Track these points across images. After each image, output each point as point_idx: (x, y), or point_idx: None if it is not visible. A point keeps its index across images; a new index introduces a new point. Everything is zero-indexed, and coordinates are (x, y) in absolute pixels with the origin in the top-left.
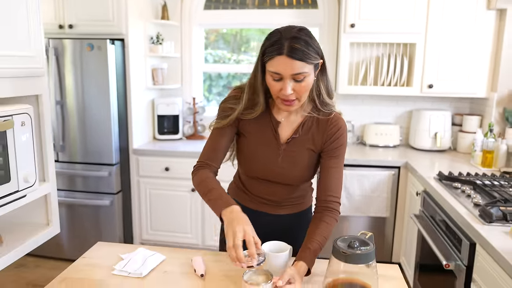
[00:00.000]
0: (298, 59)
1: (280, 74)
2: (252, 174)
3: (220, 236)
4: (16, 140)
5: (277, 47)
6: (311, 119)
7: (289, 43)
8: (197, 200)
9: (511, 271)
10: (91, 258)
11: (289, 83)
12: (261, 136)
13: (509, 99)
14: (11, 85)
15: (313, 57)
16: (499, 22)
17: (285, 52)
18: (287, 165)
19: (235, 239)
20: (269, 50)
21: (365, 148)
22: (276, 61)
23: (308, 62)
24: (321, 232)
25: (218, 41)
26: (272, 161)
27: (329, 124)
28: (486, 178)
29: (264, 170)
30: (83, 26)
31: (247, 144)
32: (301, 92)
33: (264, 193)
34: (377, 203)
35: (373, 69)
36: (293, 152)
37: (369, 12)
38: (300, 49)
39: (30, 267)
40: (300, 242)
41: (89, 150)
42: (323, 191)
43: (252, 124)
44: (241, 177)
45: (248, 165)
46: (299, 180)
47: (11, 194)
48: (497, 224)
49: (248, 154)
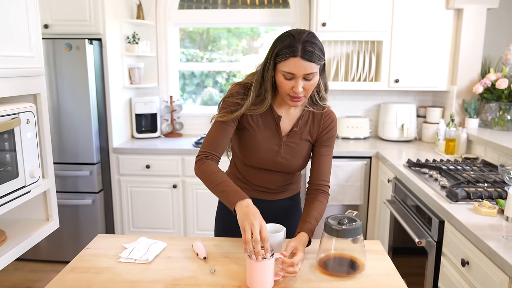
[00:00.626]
0: (311, 60)
1: (293, 74)
2: (255, 164)
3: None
4: (23, 138)
5: (292, 49)
6: (308, 112)
7: (302, 46)
8: (179, 195)
9: (475, 241)
10: (94, 249)
11: (300, 82)
12: (264, 129)
13: (468, 92)
14: (13, 84)
15: (320, 58)
16: (457, 21)
17: (299, 54)
18: (288, 155)
19: (254, 232)
20: (283, 52)
21: (338, 141)
22: (290, 63)
23: (316, 63)
24: (316, 209)
25: (185, 39)
26: (274, 153)
27: (324, 117)
28: (450, 163)
29: (266, 161)
30: (58, 26)
31: (251, 137)
32: (309, 89)
33: (263, 182)
34: (351, 192)
35: (343, 65)
36: (293, 143)
37: (339, 11)
38: (312, 52)
39: (9, 271)
40: (293, 222)
41: (68, 150)
42: (315, 175)
43: (256, 119)
44: (238, 168)
45: (251, 157)
46: (298, 168)
47: (19, 189)
48: (462, 202)
49: (252, 146)
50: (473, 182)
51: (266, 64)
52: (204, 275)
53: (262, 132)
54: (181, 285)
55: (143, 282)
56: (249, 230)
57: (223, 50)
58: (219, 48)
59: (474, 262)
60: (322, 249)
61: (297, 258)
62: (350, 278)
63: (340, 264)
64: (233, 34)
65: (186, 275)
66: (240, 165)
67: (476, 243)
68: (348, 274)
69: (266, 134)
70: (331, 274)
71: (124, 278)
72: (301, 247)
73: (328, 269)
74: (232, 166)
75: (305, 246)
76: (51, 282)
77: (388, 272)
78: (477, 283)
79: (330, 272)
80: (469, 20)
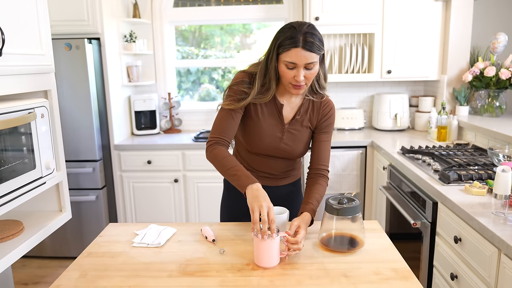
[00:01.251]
0: (311, 51)
1: (295, 64)
2: (259, 151)
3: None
4: (38, 131)
5: (293, 40)
6: (308, 101)
7: (303, 37)
8: (180, 189)
9: (467, 218)
10: (108, 236)
11: (302, 71)
12: (268, 118)
13: (457, 80)
14: (25, 81)
15: (320, 48)
16: (446, 12)
17: (300, 45)
18: (290, 142)
19: (263, 213)
20: (285, 43)
21: (334, 132)
22: (292, 53)
23: (317, 53)
24: (317, 191)
25: (177, 38)
26: (277, 140)
27: (323, 105)
28: (442, 149)
29: (270, 148)
30: (57, 27)
31: (256, 125)
32: (310, 78)
33: (266, 168)
34: (348, 181)
35: (337, 58)
36: (295, 130)
37: (331, 5)
38: (313, 42)
39: (16, 268)
40: (294, 206)
41: (70, 148)
42: (315, 160)
43: (260, 108)
44: (242, 155)
45: (255, 144)
46: (299, 154)
47: (36, 180)
48: (454, 184)
49: (256, 134)
50: (464, 165)
51: (269, 55)
52: (214, 255)
53: (266, 120)
54: (193, 265)
55: (157, 263)
56: (258, 211)
57: (216, 48)
58: (212, 46)
59: (466, 239)
60: (324, 229)
61: (300, 236)
62: (350, 253)
63: (341, 242)
64: (226, 32)
65: (197, 256)
66: (244, 153)
67: (468, 220)
68: (348, 250)
69: (269, 122)
70: (333, 250)
71: (138, 260)
72: (303, 225)
73: (329, 246)
74: (235, 153)
75: (308, 225)
76: (69, 266)
77: (386, 248)
78: (469, 257)
79: (332, 249)
80: (457, 11)
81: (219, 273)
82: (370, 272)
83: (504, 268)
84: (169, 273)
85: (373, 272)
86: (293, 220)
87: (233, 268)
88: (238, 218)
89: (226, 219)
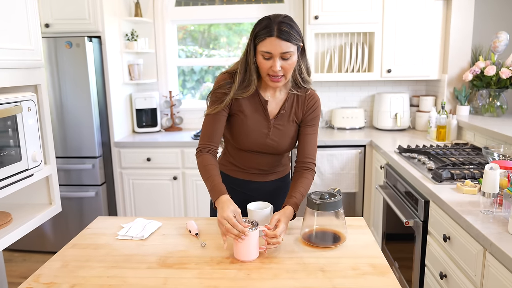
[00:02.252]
0: (286, 40)
1: (270, 53)
2: (246, 148)
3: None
4: (25, 124)
5: (268, 30)
6: (293, 95)
7: (278, 27)
8: (179, 187)
9: (455, 216)
10: (94, 228)
11: (278, 61)
12: (253, 114)
13: (458, 80)
14: (15, 75)
15: (296, 39)
16: (446, 11)
17: (275, 34)
18: (276, 137)
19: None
20: (260, 33)
21: (334, 131)
22: (267, 42)
23: (293, 43)
24: (302, 185)
25: (186, 38)
26: (263, 135)
27: (307, 99)
28: (439, 148)
29: (257, 144)
30: (59, 25)
31: (241, 122)
32: (287, 69)
33: (254, 164)
34: (347, 180)
35: (337, 57)
36: (281, 125)
37: (331, 4)
38: (287, 31)
39: (17, 262)
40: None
41: (70, 145)
42: (301, 154)
43: (244, 104)
44: (231, 153)
45: (242, 141)
46: (286, 149)
47: (22, 172)
48: (446, 183)
49: (242, 131)
50: (458, 164)
51: (248, 48)
52: (195, 249)
53: (251, 116)
54: (173, 257)
55: (138, 255)
56: (225, 222)
57: (225, 48)
58: (221, 46)
59: (455, 237)
60: (306, 224)
61: (279, 230)
62: (331, 249)
63: (322, 237)
64: (234, 32)
65: (179, 249)
66: (232, 150)
67: (456, 218)
68: (329, 245)
69: (255, 118)
70: (314, 246)
71: (121, 252)
72: (284, 219)
73: (311, 241)
74: (225, 151)
75: (290, 219)
76: (52, 257)
77: (367, 244)
78: (457, 256)
79: (313, 244)
80: (458, 9)
81: (197, 265)
82: (348, 267)
83: (489, 267)
84: (149, 265)
85: (351, 267)
86: (274, 214)
87: (212, 261)
88: None
89: (214, 215)
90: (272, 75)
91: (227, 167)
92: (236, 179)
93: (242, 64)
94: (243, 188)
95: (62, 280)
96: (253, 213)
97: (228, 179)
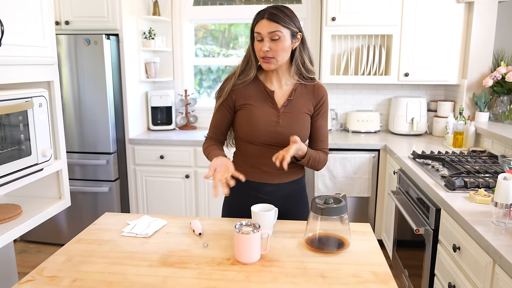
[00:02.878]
0: (274, 21)
1: (260, 34)
2: (257, 139)
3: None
4: (35, 120)
5: (261, 14)
6: (300, 86)
7: (268, 10)
8: (191, 185)
9: (466, 226)
10: (101, 224)
11: (266, 41)
12: (260, 103)
13: (478, 85)
14: (28, 71)
15: (288, 23)
16: (468, 14)
17: (265, 16)
18: (287, 125)
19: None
20: (255, 19)
21: (348, 134)
22: (259, 24)
23: (282, 25)
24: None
25: (207, 37)
26: (273, 123)
27: (316, 90)
28: (455, 155)
29: (267, 133)
30: (78, 22)
31: (249, 112)
32: (275, 50)
33: (267, 160)
34: (359, 184)
35: (353, 59)
36: (290, 114)
37: (348, 6)
38: (276, 14)
39: (32, 253)
40: (299, 205)
41: (87, 140)
42: (314, 143)
43: (250, 96)
44: (242, 152)
45: (252, 131)
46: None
47: (32, 166)
48: (459, 191)
49: (252, 121)
50: (473, 172)
51: (250, 37)
52: (197, 248)
53: (259, 106)
54: (175, 256)
55: (141, 253)
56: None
57: (244, 47)
58: (240, 46)
59: (465, 247)
60: (309, 228)
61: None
62: (333, 254)
63: (325, 242)
64: None
65: (181, 248)
66: (244, 147)
67: (466, 228)
68: (332, 251)
69: (262, 107)
70: (316, 250)
71: (124, 249)
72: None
73: (313, 246)
74: (237, 153)
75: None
76: (57, 251)
77: (371, 251)
78: (466, 267)
79: (315, 249)
80: (480, 13)
81: (198, 265)
82: (349, 274)
83: (498, 280)
84: (150, 262)
85: (352, 274)
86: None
87: (213, 261)
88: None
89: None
90: (263, 57)
91: (241, 168)
92: (251, 182)
93: (246, 53)
94: (258, 191)
95: (65, 274)
96: (256, 215)
97: (243, 183)
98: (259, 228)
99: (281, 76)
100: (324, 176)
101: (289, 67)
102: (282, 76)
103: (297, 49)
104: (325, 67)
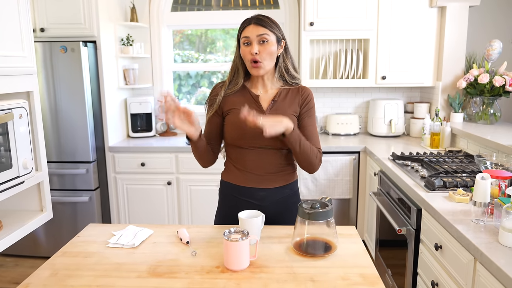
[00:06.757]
0: (261, 25)
1: (249, 37)
2: (245, 142)
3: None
4: (16, 131)
5: (248, 20)
6: (285, 90)
7: (255, 17)
8: (173, 192)
9: (447, 225)
10: (85, 236)
11: (255, 44)
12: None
13: (452, 87)
14: (7, 82)
15: (273, 28)
16: (441, 19)
17: (252, 22)
18: None
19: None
20: (242, 26)
21: (328, 137)
22: (246, 29)
23: (268, 29)
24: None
25: (183, 42)
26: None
27: (300, 91)
28: (433, 156)
29: (253, 135)
30: (54, 29)
31: (235, 117)
32: (264, 54)
33: (258, 163)
34: (341, 186)
35: (332, 63)
36: (276, 113)
37: (326, 11)
38: (263, 19)
39: (9, 267)
40: (292, 210)
41: (65, 149)
42: None
43: (236, 102)
44: (233, 158)
45: (239, 133)
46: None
47: (13, 179)
48: (439, 191)
49: (237, 124)
50: (451, 172)
51: (236, 46)
52: (186, 257)
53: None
54: (163, 266)
55: (128, 264)
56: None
57: (222, 52)
58: (217, 50)
59: (446, 246)
60: (297, 233)
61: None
62: (322, 258)
63: (313, 246)
64: (232, 36)
65: (169, 257)
66: (234, 154)
67: (447, 227)
68: (320, 255)
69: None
70: (304, 255)
71: (111, 260)
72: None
73: (301, 251)
74: (227, 160)
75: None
76: (42, 265)
77: (358, 253)
78: (448, 265)
79: (304, 254)
80: (452, 18)
81: (187, 275)
82: (338, 277)
83: (479, 277)
84: (139, 273)
85: (341, 277)
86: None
87: (202, 270)
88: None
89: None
90: (252, 60)
91: (232, 175)
92: (242, 188)
93: (232, 64)
94: (250, 197)
95: None
96: (244, 222)
97: (234, 188)
98: (247, 235)
99: (266, 81)
100: (306, 180)
101: (273, 73)
102: (267, 81)
103: (281, 56)
104: (304, 71)
